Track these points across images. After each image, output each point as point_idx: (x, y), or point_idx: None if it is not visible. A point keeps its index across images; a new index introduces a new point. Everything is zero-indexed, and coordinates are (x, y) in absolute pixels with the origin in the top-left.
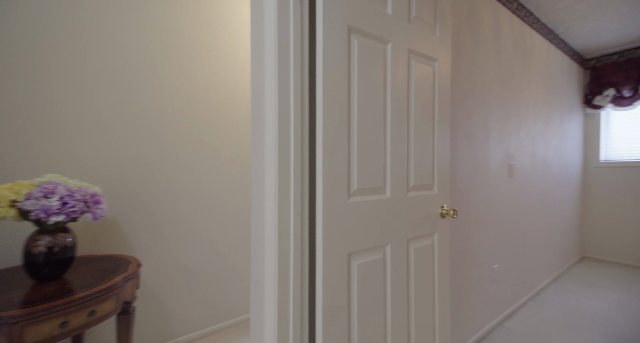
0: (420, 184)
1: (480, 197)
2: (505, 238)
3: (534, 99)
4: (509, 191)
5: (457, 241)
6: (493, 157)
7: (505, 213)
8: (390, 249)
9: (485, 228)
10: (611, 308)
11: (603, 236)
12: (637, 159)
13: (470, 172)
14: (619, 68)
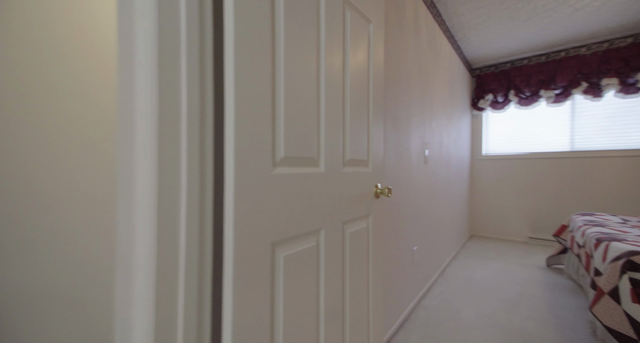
0: (356, 159)
1: (404, 181)
2: (422, 221)
3: (442, 95)
4: (425, 177)
5: (385, 225)
6: (413, 143)
7: (422, 198)
8: (324, 235)
9: (407, 212)
10: (497, 275)
11: (486, 217)
12: (509, 153)
13: (396, 156)
14: (495, 78)
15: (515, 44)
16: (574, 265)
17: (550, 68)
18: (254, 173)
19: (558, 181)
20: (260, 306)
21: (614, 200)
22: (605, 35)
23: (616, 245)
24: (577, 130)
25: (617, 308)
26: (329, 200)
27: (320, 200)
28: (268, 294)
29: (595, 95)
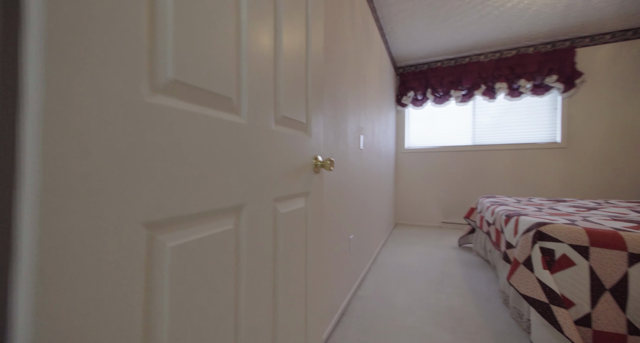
0: (293, 119)
1: (342, 165)
2: (358, 208)
3: (374, 85)
4: (360, 164)
5: (324, 208)
6: (350, 126)
7: (357, 185)
8: (247, 214)
9: (345, 198)
10: (421, 258)
11: (408, 206)
12: (427, 146)
13: (335, 136)
14: (415, 77)
15: (432, 45)
16: (482, 243)
17: (458, 71)
18: (102, 91)
19: (464, 171)
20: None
21: (505, 185)
22: (497, 45)
23: (525, 218)
24: (477, 126)
25: (530, 276)
26: (255, 166)
27: (244, 165)
28: (138, 306)
29: (491, 97)
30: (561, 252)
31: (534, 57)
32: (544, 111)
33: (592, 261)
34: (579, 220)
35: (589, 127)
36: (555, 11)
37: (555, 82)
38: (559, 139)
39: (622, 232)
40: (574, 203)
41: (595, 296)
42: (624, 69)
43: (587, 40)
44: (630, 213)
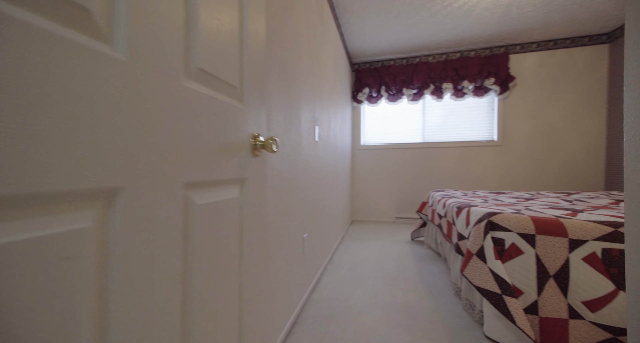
0: (218, 77)
1: (293, 156)
2: (312, 204)
3: (330, 76)
4: (315, 156)
5: (271, 201)
6: (304, 113)
7: (312, 180)
8: (125, 203)
9: (297, 193)
10: (377, 253)
11: (364, 202)
12: (381, 143)
13: (286, 120)
14: (370, 74)
15: (386, 42)
16: (433, 236)
17: (409, 70)
18: None
19: (416, 167)
20: None
21: (452, 180)
22: (444, 47)
23: (476, 209)
24: (426, 124)
25: (484, 267)
26: (145, 132)
27: (120, 126)
28: None
29: (439, 97)
30: (510, 241)
31: (475, 61)
32: (484, 111)
33: (537, 249)
34: (523, 210)
35: (520, 127)
36: (494, 16)
37: (493, 85)
38: (496, 138)
39: (562, 219)
40: (512, 195)
41: (541, 283)
42: (546, 75)
43: (518, 48)
44: (561, 202)
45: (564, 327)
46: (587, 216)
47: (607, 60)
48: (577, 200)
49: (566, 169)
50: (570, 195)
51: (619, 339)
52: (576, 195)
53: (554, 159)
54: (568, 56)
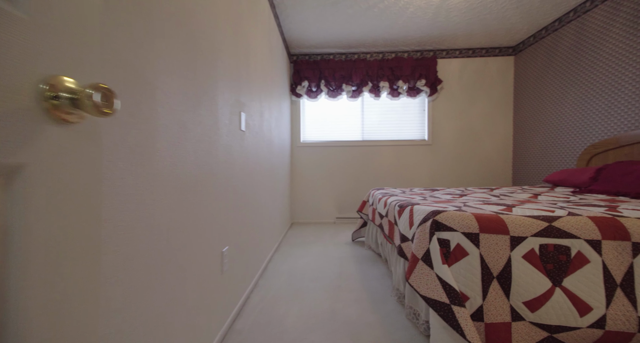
0: None
1: (205, 146)
2: (238, 208)
3: (263, 60)
4: (241, 148)
5: (158, 217)
6: (223, 93)
7: (237, 178)
8: None
9: (213, 195)
10: (317, 259)
11: (304, 203)
12: (322, 140)
13: (187, 93)
14: (309, 67)
15: (325, 34)
16: (373, 236)
17: (349, 66)
18: None
19: (355, 166)
20: None
21: (389, 178)
22: (381, 46)
23: (419, 208)
24: (365, 123)
25: (430, 273)
26: None
27: None
28: None
29: (376, 95)
30: (456, 242)
31: (408, 62)
32: (416, 112)
33: (482, 248)
34: (463, 207)
35: (446, 127)
36: (426, 17)
37: (424, 86)
38: (427, 137)
39: (502, 215)
40: (446, 192)
41: (486, 286)
42: (467, 81)
43: (444, 53)
44: (491, 198)
45: (507, 331)
46: (521, 211)
47: (512, 71)
48: (502, 195)
49: (483, 166)
50: (493, 190)
51: (554, 337)
52: (498, 190)
53: (473, 157)
54: (484, 65)
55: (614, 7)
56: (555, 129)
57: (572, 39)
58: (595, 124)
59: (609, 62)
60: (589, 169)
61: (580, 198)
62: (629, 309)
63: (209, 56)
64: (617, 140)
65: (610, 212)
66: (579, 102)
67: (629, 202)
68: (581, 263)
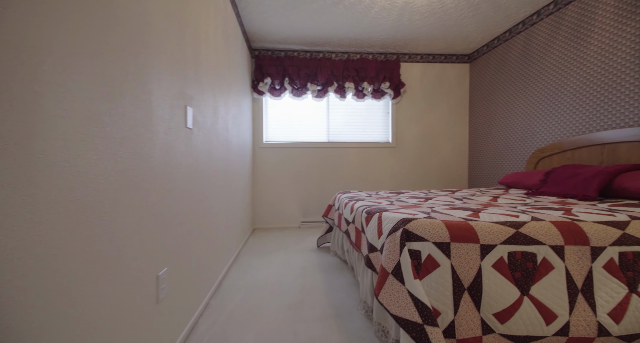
0: None
1: (133, 147)
2: (181, 221)
3: (216, 50)
4: (187, 149)
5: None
6: (159, 80)
7: (181, 185)
8: None
9: (144, 209)
10: (280, 270)
11: (267, 208)
12: (286, 141)
13: (96, 71)
14: (273, 63)
15: (289, 29)
16: (339, 242)
17: (314, 65)
18: None
19: (321, 168)
20: None
21: (355, 181)
22: (346, 45)
23: (388, 215)
24: (331, 124)
25: (401, 289)
26: None
27: None
28: None
29: (342, 96)
30: (427, 253)
31: (373, 64)
32: (381, 114)
33: (453, 259)
34: (431, 213)
35: (408, 130)
36: (390, 18)
37: (388, 89)
38: (391, 140)
39: (471, 222)
40: (411, 195)
41: (457, 299)
42: (427, 85)
43: (406, 57)
44: (455, 201)
45: None
46: (488, 217)
47: (468, 78)
48: (464, 198)
49: (442, 169)
50: (454, 192)
51: None
52: (459, 193)
53: (433, 159)
54: (443, 70)
55: (557, 21)
56: (506, 133)
57: (521, 49)
58: (541, 129)
59: (553, 72)
60: (539, 172)
61: (535, 200)
62: (589, 314)
63: (136, 31)
64: (560, 145)
65: (568, 216)
66: (527, 109)
67: (578, 204)
68: (546, 270)
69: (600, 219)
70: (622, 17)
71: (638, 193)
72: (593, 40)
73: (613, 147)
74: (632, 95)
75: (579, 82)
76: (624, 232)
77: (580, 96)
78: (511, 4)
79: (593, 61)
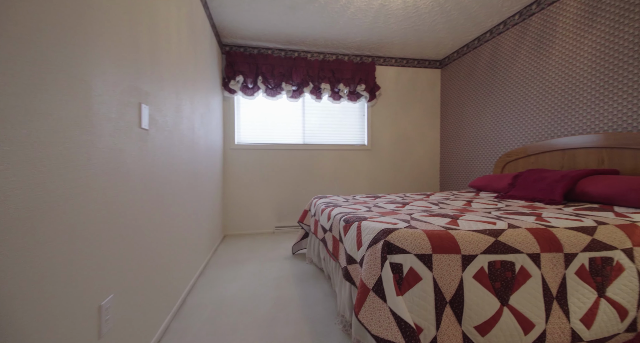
0: None
1: (58, 157)
2: (133, 235)
3: (179, 38)
4: (143, 154)
5: None
6: (103, 72)
7: (135, 192)
8: None
9: (82, 223)
10: (252, 283)
11: (239, 213)
12: (260, 142)
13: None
14: (245, 60)
15: (262, 25)
16: (315, 250)
17: (289, 64)
18: None
19: (297, 170)
20: None
21: (332, 184)
22: (321, 46)
23: (367, 225)
24: (307, 125)
25: (383, 307)
26: None
27: None
28: None
29: (318, 97)
30: (409, 266)
31: (349, 66)
32: (357, 116)
33: (435, 271)
34: (410, 221)
35: (383, 133)
36: (366, 20)
37: (364, 91)
38: (367, 142)
39: (451, 231)
40: (388, 199)
41: (439, 313)
42: (402, 89)
43: (381, 60)
44: (432, 207)
45: None
46: (467, 224)
47: (439, 83)
48: (440, 203)
49: (415, 171)
50: (429, 196)
51: None
52: (434, 197)
53: (407, 162)
54: (416, 75)
55: (522, 31)
56: (475, 137)
57: (489, 57)
58: (508, 134)
59: (518, 80)
60: (507, 176)
61: (506, 205)
62: (564, 321)
63: (66, 11)
64: (525, 149)
65: (541, 223)
66: (494, 115)
67: (546, 208)
68: (524, 278)
69: (570, 225)
70: (580, 30)
71: (598, 197)
72: (554, 51)
73: (572, 153)
74: (589, 104)
75: (541, 90)
76: (593, 237)
77: (543, 104)
78: (480, 12)
79: (554, 71)
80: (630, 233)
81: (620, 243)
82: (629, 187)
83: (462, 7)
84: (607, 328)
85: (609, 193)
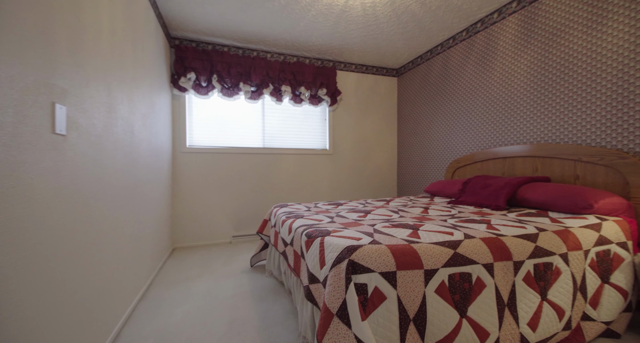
0: None
1: None
2: (46, 270)
3: (113, 26)
4: (57, 165)
5: None
6: None
7: (41, 213)
8: None
9: None
10: (203, 305)
11: (191, 223)
12: (215, 146)
13: None
14: (198, 56)
15: (216, 18)
16: (275, 262)
17: (247, 63)
18: None
19: (256, 175)
20: None
21: (292, 190)
22: (282, 47)
23: (330, 240)
24: (266, 128)
25: (348, 335)
26: None
27: None
28: None
29: (278, 99)
30: (373, 285)
31: (310, 69)
32: (318, 120)
33: (399, 289)
34: (374, 233)
35: (344, 138)
36: (327, 23)
37: (325, 95)
38: (328, 147)
39: (413, 245)
40: (350, 207)
41: (403, 332)
42: (362, 95)
43: (342, 66)
44: (392, 215)
45: None
46: (427, 236)
47: (396, 91)
48: (399, 210)
49: (375, 176)
50: (389, 202)
51: None
52: (393, 203)
53: (367, 167)
54: (375, 82)
55: (468, 47)
56: (428, 144)
57: (440, 69)
58: (457, 142)
59: (465, 92)
60: (457, 182)
61: (459, 211)
62: (514, 327)
63: None
64: (472, 156)
65: (491, 231)
66: (445, 123)
67: (493, 214)
68: (480, 288)
69: (516, 233)
70: (518, 50)
71: (535, 202)
72: (496, 67)
73: (512, 161)
74: (525, 117)
75: (485, 102)
76: (536, 244)
77: (487, 115)
78: (433, 26)
79: (496, 85)
80: (565, 239)
81: (557, 248)
82: (558, 195)
83: (417, 20)
84: (549, 328)
85: (543, 199)
